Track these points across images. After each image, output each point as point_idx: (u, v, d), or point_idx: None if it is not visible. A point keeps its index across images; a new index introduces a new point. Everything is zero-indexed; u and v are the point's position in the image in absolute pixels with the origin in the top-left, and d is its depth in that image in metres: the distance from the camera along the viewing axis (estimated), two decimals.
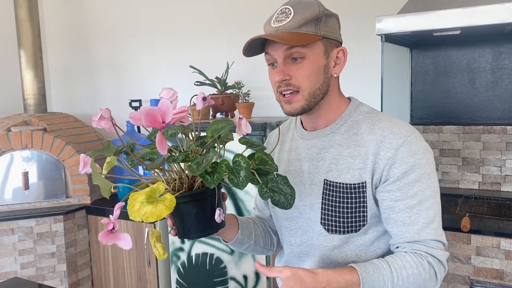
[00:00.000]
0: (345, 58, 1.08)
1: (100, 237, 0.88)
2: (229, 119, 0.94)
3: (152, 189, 0.84)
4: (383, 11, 2.25)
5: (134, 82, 3.28)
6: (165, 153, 0.87)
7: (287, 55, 1.01)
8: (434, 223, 1.01)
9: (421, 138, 1.05)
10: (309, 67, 1.02)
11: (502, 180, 2.32)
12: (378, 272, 0.96)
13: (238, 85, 2.51)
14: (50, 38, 3.55)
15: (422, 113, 2.50)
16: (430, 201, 1.01)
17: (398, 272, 0.96)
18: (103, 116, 0.89)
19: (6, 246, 2.54)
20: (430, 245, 1.00)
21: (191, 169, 0.84)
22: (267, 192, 0.91)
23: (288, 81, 1.02)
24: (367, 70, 2.46)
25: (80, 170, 0.94)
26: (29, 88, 3.01)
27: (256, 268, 0.96)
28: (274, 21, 1.03)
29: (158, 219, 0.82)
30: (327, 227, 1.07)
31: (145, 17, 3.18)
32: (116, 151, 0.96)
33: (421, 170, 1.01)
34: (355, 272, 0.95)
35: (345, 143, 1.07)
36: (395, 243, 1.03)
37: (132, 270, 2.65)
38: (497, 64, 2.30)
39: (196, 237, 0.96)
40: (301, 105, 1.04)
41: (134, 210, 0.82)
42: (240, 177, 0.86)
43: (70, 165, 2.76)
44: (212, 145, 0.93)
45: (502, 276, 1.80)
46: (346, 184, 1.04)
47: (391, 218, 1.02)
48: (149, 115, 0.84)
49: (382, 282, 0.95)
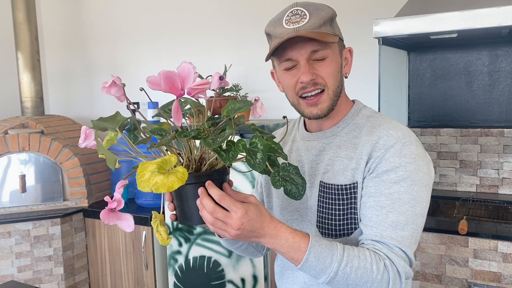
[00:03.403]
0: (352, 57, 1.09)
1: (102, 215, 0.83)
2: (247, 100, 0.90)
3: (163, 160, 0.78)
4: (381, 14, 2.26)
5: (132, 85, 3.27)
6: (180, 123, 0.84)
7: (310, 56, 0.99)
8: (404, 232, 0.95)
9: (418, 144, 1.01)
10: (332, 65, 1.01)
11: (500, 183, 2.32)
12: (330, 249, 0.91)
13: (236, 87, 2.51)
14: (47, 41, 3.55)
15: (420, 116, 2.51)
16: (405, 207, 0.95)
17: (350, 258, 0.91)
18: (115, 82, 0.84)
19: (3, 249, 2.53)
20: (392, 250, 0.94)
21: (206, 143, 0.80)
22: (279, 180, 0.88)
23: (315, 80, 1.00)
24: (364, 73, 2.46)
25: (80, 143, 0.89)
26: (26, 91, 3.01)
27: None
28: (288, 23, 0.99)
29: (169, 191, 0.76)
30: (321, 230, 1.06)
31: (142, 20, 3.18)
32: (121, 124, 0.91)
33: (405, 173, 0.96)
34: (307, 239, 0.91)
35: (344, 145, 1.06)
36: (360, 239, 1.00)
37: (129, 273, 2.64)
38: (494, 67, 2.30)
39: (198, 222, 0.92)
40: (327, 105, 1.02)
41: (143, 179, 0.75)
42: (257, 159, 0.83)
43: (67, 168, 2.76)
44: (225, 126, 0.88)
45: (499, 279, 1.80)
46: (339, 186, 1.03)
47: (362, 213, 1.00)
48: (168, 78, 0.78)
49: (330, 260, 0.90)
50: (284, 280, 1.18)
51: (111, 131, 0.93)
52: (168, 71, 0.79)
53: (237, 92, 2.52)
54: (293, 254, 0.91)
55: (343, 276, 0.91)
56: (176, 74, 0.79)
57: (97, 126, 0.91)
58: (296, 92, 1.03)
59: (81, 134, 0.89)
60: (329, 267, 0.90)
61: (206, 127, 0.88)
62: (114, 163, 0.88)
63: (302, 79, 1.00)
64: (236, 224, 0.86)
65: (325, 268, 0.90)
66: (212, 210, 0.86)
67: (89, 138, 0.89)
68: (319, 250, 0.91)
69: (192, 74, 0.80)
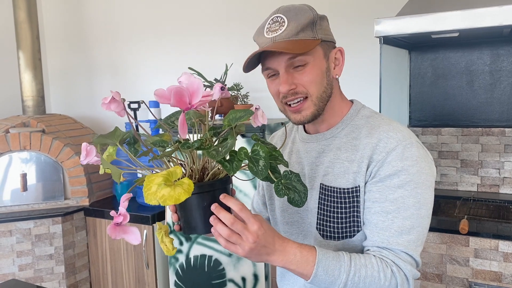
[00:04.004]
0: (343, 57, 1.07)
1: (109, 230, 0.84)
2: (248, 109, 0.90)
3: (169, 172, 0.79)
4: (382, 13, 2.25)
5: (132, 84, 3.28)
6: (185, 136, 0.84)
7: (289, 64, 0.99)
8: (410, 236, 0.96)
9: (418, 146, 1.00)
10: (312, 72, 1.00)
11: (501, 182, 2.32)
12: (337, 261, 0.92)
13: (237, 87, 2.51)
14: (49, 40, 3.56)
15: (421, 115, 2.50)
16: (410, 211, 0.96)
17: (357, 268, 0.92)
18: (114, 98, 0.84)
19: (4, 248, 2.54)
20: (399, 255, 0.95)
21: (210, 155, 0.81)
22: (282, 189, 0.89)
23: (295, 89, 1.00)
24: (365, 72, 2.46)
25: (82, 160, 0.89)
26: (27, 90, 3.01)
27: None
28: (268, 31, 0.99)
29: (176, 203, 0.77)
30: (322, 233, 1.05)
31: (144, 19, 3.18)
32: (121, 138, 0.92)
33: (408, 177, 0.96)
34: (314, 252, 0.92)
35: (344, 147, 1.05)
36: (366, 245, 1.00)
37: (130, 272, 2.65)
38: (496, 66, 2.30)
39: (203, 232, 0.92)
40: (311, 111, 1.02)
41: (150, 192, 0.76)
42: (259, 166, 0.84)
43: (68, 167, 2.76)
44: (227, 135, 0.89)
45: (500, 278, 1.80)
46: (340, 189, 1.02)
47: (366, 219, 1.00)
48: (178, 93, 0.79)
49: (338, 271, 0.91)
50: (285, 282, 1.18)
51: (109, 146, 0.94)
52: (177, 86, 0.79)
53: (238, 91, 2.52)
54: (302, 269, 0.91)
55: (352, 286, 0.92)
56: (184, 89, 0.80)
57: (98, 142, 0.91)
58: (280, 100, 1.03)
59: (82, 151, 0.90)
60: (338, 279, 0.91)
61: (208, 137, 0.88)
62: (119, 177, 0.89)
63: (281, 90, 1.00)
64: (252, 237, 0.86)
65: (334, 280, 0.91)
66: (232, 222, 0.86)
67: (90, 155, 0.89)
68: (326, 263, 0.91)
69: (201, 90, 0.81)
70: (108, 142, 0.92)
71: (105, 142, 0.92)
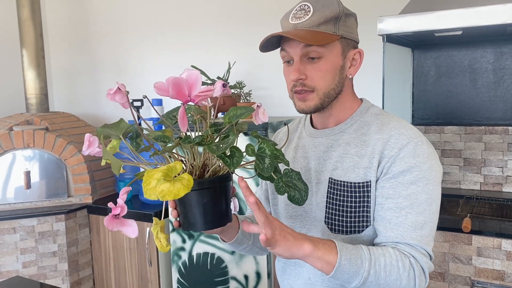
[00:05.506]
0: (361, 60, 1.08)
1: (106, 221, 0.83)
2: (249, 106, 0.90)
3: (169, 168, 0.79)
4: (385, 12, 2.25)
5: (136, 82, 3.29)
6: (185, 130, 0.84)
7: (304, 53, 1.00)
8: (423, 231, 0.97)
9: (428, 143, 1.02)
10: (326, 67, 1.01)
11: (504, 181, 2.32)
12: (356, 250, 0.92)
13: (240, 85, 2.51)
14: (52, 38, 3.56)
15: (424, 114, 2.50)
16: (422, 207, 0.98)
17: (376, 257, 0.92)
18: (119, 89, 0.84)
19: (8, 245, 2.55)
20: (415, 247, 0.97)
21: (211, 150, 0.82)
22: (283, 187, 0.89)
23: (304, 80, 1.01)
24: (368, 71, 2.46)
25: (84, 150, 0.89)
26: (31, 88, 3.02)
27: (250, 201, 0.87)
28: (292, 17, 1.01)
29: (175, 198, 0.77)
30: (330, 227, 1.06)
31: (147, 17, 3.18)
32: (125, 131, 0.92)
33: (420, 173, 0.98)
34: (332, 241, 0.92)
35: (353, 142, 1.06)
36: (380, 241, 1.00)
37: (133, 269, 2.66)
38: (499, 65, 2.29)
39: (203, 228, 0.92)
40: (314, 103, 1.03)
41: (149, 187, 0.76)
42: (265, 164, 0.85)
43: (71, 165, 2.77)
44: (227, 132, 0.89)
45: (503, 277, 1.79)
46: (350, 183, 1.03)
47: (379, 215, 1.00)
48: (176, 85, 0.79)
49: (360, 260, 0.91)
50: (286, 276, 1.18)
51: (113, 139, 0.94)
52: (176, 77, 0.79)
53: (241, 89, 2.52)
54: (327, 256, 0.90)
55: (375, 275, 0.91)
56: (183, 81, 0.80)
57: (101, 132, 0.91)
58: (291, 88, 1.05)
59: (84, 142, 0.89)
60: (361, 268, 0.91)
61: (210, 133, 0.89)
62: (119, 169, 0.89)
63: (291, 77, 1.02)
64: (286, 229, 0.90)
65: (357, 269, 0.91)
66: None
67: (93, 145, 0.89)
68: (347, 252, 0.91)
69: (199, 81, 0.81)
70: (112, 133, 0.92)
71: (108, 133, 0.92)
